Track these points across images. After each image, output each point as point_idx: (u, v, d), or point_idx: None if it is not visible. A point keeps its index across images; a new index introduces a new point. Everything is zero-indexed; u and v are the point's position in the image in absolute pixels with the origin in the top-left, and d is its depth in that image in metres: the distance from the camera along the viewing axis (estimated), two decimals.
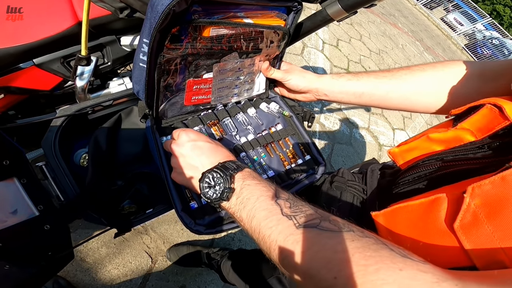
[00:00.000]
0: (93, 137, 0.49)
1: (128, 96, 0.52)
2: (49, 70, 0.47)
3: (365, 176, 0.50)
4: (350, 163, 2.12)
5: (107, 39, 0.50)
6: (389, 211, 0.34)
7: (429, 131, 0.40)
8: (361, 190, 0.48)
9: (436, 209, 0.28)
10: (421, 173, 0.37)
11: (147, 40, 0.41)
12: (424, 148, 0.39)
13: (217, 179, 0.37)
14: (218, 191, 0.37)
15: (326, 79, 0.58)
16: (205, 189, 0.38)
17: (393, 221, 0.33)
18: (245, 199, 0.35)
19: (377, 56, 3.67)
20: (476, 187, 0.26)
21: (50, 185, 0.49)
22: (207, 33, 0.45)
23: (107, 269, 1.08)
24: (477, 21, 9.14)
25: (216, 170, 0.37)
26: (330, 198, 0.50)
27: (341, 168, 0.54)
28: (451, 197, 0.28)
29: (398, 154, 0.43)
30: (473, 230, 0.25)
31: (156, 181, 0.53)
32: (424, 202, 0.30)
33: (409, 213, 0.31)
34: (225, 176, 0.37)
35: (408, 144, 0.41)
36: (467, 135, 0.35)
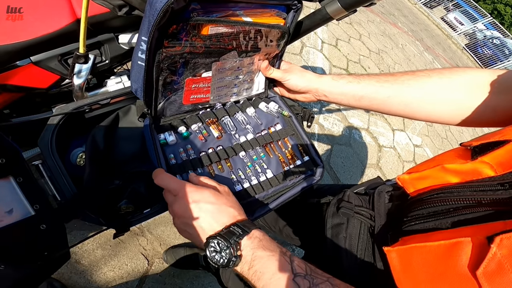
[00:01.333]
0: (91, 136, 0.50)
1: (126, 94, 0.53)
2: (46, 68, 0.47)
3: (372, 199, 0.49)
4: (350, 164, 2.13)
5: (105, 37, 0.51)
6: (404, 249, 0.33)
7: (444, 160, 0.39)
8: (369, 217, 0.47)
9: (457, 253, 0.28)
10: (438, 208, 0.35)
11: (145, 38, 0.41)
12: (438, 178, 0.37)
13: (222, 246, 0.36)
14: (224, 257, 0.36)
15: (326, 80, 0.58)
16: (211, 254, 0.36)
17: (408, 259, 0.33)
18: (258, 272, 0.35)
19: (377, 56, 3.70)
20: (504, 239, 0.25)
21: (47, 184, 0.49)
22: (206, 31, 0.46)
23: (102, 271, 1.08)
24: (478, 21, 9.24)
25: (219, 238, 0.36)
26: (337, 224, 0.49)
27: (347, 191, 0.53)
28: (475, 242, 0.27)
29: (408, 181, 0.41)
30: (497, 278, 0.25)
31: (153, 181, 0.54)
32: (444, 245, 0.29)
33: (427, 254, 0.31)
34: (229, 244, 0.35)
35: (420, 173, 0.40)
36: (486, 169, 0.34)
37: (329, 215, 0.50)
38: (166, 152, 0.50)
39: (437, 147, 3.10)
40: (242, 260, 0.36)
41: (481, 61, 8.62)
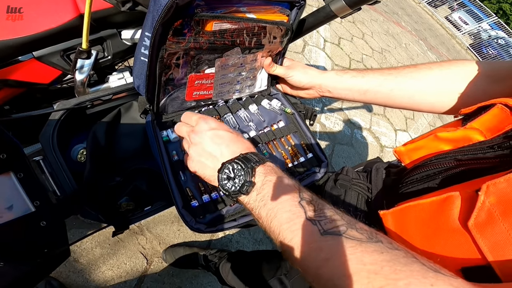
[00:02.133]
0: (92, 132, 0.50)
1: (128, 90, 0.53)
2: (48, 63, 0.47)
3: (370, 175, 0.51)
4: (351, 164, 2.14)
5: (108, 32, 0.51)
6: (398, 210, 0.34)
7: (437, 130, 0.40)
8: (366, 189, 0.48)
9: (448, 207, 0.29)
10: (430, 171, 0.37)
11: (149, 33, 0.42)
12: (432, 147, 0.40)
13: (238, 171, 0.36)
14: (237, 183, 0.36)
15: (330, 75, 0.58)
16: (223, 181, 0.37)
17: (402, 220, 0.34)
18: (266, 196, 0.34)
19: (380, 55, 3.70)
20: (491, 185, 0.26)
21: (47, 180, 0.50)
22: (210, 27, 0.47)
23: (101, 270, 1.08)
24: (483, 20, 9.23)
25: (237, 161, 0.36)
26: (335, 196, 0.50)
27: (345, 167, 0.55)
28: (465, 195, 0.28)
29: (404, 153, 0.43)
30: (488, 228, 0.26)
31: (155, 178, 0.54)
32: (436, 201, 0.30)
33: (420, 212, 0.32)
34: (246, 168, 0.35)
35: (415, 143, 0.42)
36: (476, 134, 0.36)
37: (327, 188, 0.52)
38: (169, 149, 0.51)
39: None
40: (254, 187, 0.36)
41: None
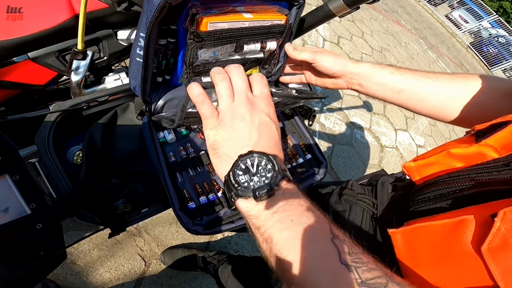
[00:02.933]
0: (88, 133, 0.50)
1: (124, 91, 0.53)
2: (43, 64, 0.47)
3: (375, 189, 0.50)
4: (351, 164, 2.14)
5: (103, 33, 0.51)
6: (409, 229, 0.33)
7: (450, 146, 0.39)
8: (371, 204, 0.48)
9: (461, 230, 0.28)
10: (443, 190, 0.36)
11: (143, 34, 0.42)
12: (444, 163, 0.38)
13: (263, 170, 0.30)
14: (255, 182, 0.29)
15: (365, 67, 0.54)
16: (238, 169, 0.30)
17: (413, 240, 0.33)
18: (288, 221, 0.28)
19: (379, 54, 3.70)
20: (508, 212, 0.26)
21: (43, 182, 0.50)
22: (205, 28, 0.46)
23: (98, 272, 1.08)
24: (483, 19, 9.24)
25: (271, 159, 0.30)
26: (339, 212, 0.50)
27: (350, 180, 0.54)
28: (479, 219, 0.28)
29: (414, 168, 0.41)
30: (502, 254, 0.25)
31: (152, 179, 0.54)
32: (449, 223, 0.30)
33: (431, 233, 0.31)
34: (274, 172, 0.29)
35: (426, 159, 0.40)
36: (490, 152, 0.35)
37: (331, 203, 0.51)
38: (166, 151, 0.51)
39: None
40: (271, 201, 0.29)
41: (486, 59, 8.63)
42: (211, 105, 0.34)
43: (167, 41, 0.49)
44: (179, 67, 0.53)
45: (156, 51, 0.49)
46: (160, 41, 0.49)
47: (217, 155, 0.33)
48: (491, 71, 8.39)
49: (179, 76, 0.54)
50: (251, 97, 0.34)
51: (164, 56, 0.52)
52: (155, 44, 0.47)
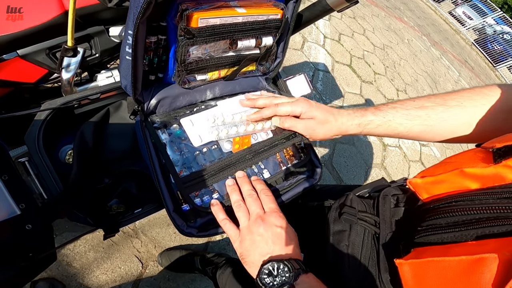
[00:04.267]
0: (79, 132, 0.50)
1: (116, 89, 0.53)
2: (33, 62, 0.47)
3: (377, 204, 0.47)
4: (353, 163, 2.13)
5: (95, 29, 0.51)
6: (419, 262, 0.32)
7: (463, 164, 0.36)
8: (373, 223, 0.46)
9: (480, 270, 0.26)
10: (457, 218, 0.34)
11: (131, 31, 0.41)
12: (455, 183, 0.36)
13: (282, 272, 0.39)
14: (278, 282, 0.38)
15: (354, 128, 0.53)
16: (263, 274, 0.40)
17: (423, 275, 0.31)
18: None
19: (382, 51, 3.69)
20: None
21: (33, 182, 0.49)
22: (195, 24, 0.46)
23: (94, 274, 1.08)
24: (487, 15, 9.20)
25: (286, 263, 0.39)
26: (339, 231, 0.48)
27: (349, 194, 0.51)
28: (502, 258, 0.26)
29: (421, 186, 0.39)
30: None
31: (145, 180, 0.54)
32: (466, 260, 0.28)
33: (445, 269, 0.29)
34: (290, 272, 0.38)
35: (435, 177, 0.38)
36: (510, 173, 0.32)
37: (330, 221, 0.49)
38: (159, 151, 0.50)
39: (445, 146, 3.09)
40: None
41: (491, 57, 8.59)
42: (234, 227, 0.46)
43: (157, 38, 0.49)
44: (170, 64, 0.52)
45: (147, 49, 0.49)
46: (150, 38, 0.48)
47: (246, 263, 0.43)
48: (496, 68, 8.35)
49: (171, 74, 0.54)
50: (262, 215, 0.45)
51: (155, 53, 0.51)
52: (145, 42, 0.47)
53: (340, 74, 2.76)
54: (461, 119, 0.48)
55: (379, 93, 3.00)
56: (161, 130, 0.51)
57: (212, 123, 0.54)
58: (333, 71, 2.72)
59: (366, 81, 2.97)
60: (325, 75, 2.59)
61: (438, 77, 4.55)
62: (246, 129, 0.55)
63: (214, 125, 0.54)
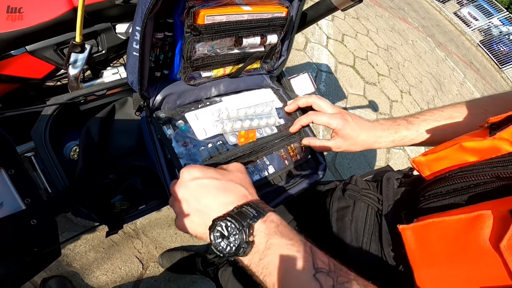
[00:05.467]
0: (85, 128, 0.51)
1: (122, 86, 0.54)
2: (41, 58, 0.49)
3: (380, 185, 0.50)
4: (356, 166, 2.14)
5: (102, 26, 0.52)
6: (420, 225, 0.34)
7: (462, 139, 0.39)
8: (376, 200, 0.48)
9: (478, 226, 0.28)
10: (456, 185, 0.36)
11: (139, 27, 0.42)
12: (456, 158, 0.38)
13: (232, 229, 0.32)
14: (233, 243, 0.32)
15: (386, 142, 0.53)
16: (216, 240, 0.33)
17: (425, 236, 0.33)
18: (270, 265, 0.32)
19: (385, 53, 3.71)
20: None
21: (39, 177, 0.50)
22: (202, 21, 0.47)
23: (94, 275, 1.09)
24: (493, 16, 9.22)
25: (229, 219, 0.33)
26: (343, 207, 0.50)
27: (354, 176, 0.54)
28: (497, 215, 0.28)
29: (424, 163, 0.41)
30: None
31: (150, 175, 0.55)
32: (464, 219, 0.30)
33: (445, 229, 0.31)
34: (241, 227, 0.32)
35: (437, 153, 0.40)
36: (506, 145, 0.34)
37: (334, 199, 0.51)
38: (165, 146, 0.51)
39: None
40: (254, 249, 0.33)
41: (497, 58, 8.60)
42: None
43: (164, 34, 0.50)
44: (176, 61, 0.54)
45: (153, 45, 0.50)
46: (157, 35, 0.49)
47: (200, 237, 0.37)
48: (502, 70, 8.35)
49: (176, 71, 0.55)
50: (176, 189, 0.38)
51: (161, 50, 0.53)
52: (152, 38, 0.48)
53: (343, 75, 2.78)
54: None
55: (383, 95, 3.01)
56: (167, 126, 0.52)
57: (217, 117, 0.55)
58: (336, 72, 2.74)
59: (369, 82, 2.98)
60: (328, 76, 2.60)
61: (443, 79, 4.56)
62: (251, 124, 0.57)
63: (218, 119, 0.55)
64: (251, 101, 0.61)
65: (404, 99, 3.24)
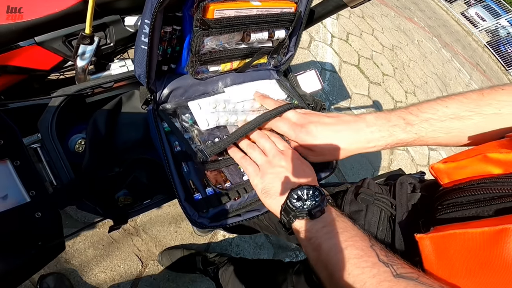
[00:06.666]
0: (92, 120, 0.52)
1: (129, 78, 0.55)
2: (50, 49, 0.50)
3: (393, 189, 0.49)
4: (359, 167, 2.15)
5: (111, 18, 0.53)
6: (440, 236, 0.33)
7: (486, 149, 0.38)
8: (389, 205, 0.47)
9: (503, 240, 0.28)
10: (478, 196, 0.35)
11: (148, 20, 0.43)
12: (478, 168, 0.37)
13: (312, 196, 0.40)
14: (307, 205, 0.39)
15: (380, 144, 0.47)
16: (292, 199, 0.40)
17: (444, 248, 0.33)
18: (334, 232, 0.37)
19: (391, 52, 3.72)
20: None
21: (44, 169, 0.51)
22: (211, 15, 0.48)
23: (93, 272, 1.10)
24: (501, 16, 9.22)
25: (316, 188, 0.41)
26: (355, 211, 0.50)
27: (366, 179, 0.54)
28: None
29: (443, 171, 0.41)
30: None
31: (156, 169, 0.56)
32: (488, 232, 0.29)
33: (467, 241, 0.30)
34: (322, 196, 0.40)
35: (458, 162, 0.39)
36: None
37: (346, 202, 0.51)
38: (171, 140, 0.52)
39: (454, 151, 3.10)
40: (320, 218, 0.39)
41: (504, 60, 8.61)
42: (253, 163, 0.47)
43: (172, 28, 0.51)
44: (184, 55, 0.55)
45: (161, 39, 0.51)
46: (165, 29, 0.50)
47: (269, 196, 0.44)
48: (509, 71, 8.36)
49: (184, 65, 0.56)
50: (280, 151, 0.47)
51: (169, 44, 0.54)
52: (160, 32, 0.49)
53: (347, 74, 2.79)
54: (498, 127, 0.45)
55: (387, 95, 3.02)
56: (174, 119, 0.53)
57: (222, 108, 0.56)
58: (340, 71, 2.75)
59: (374, 82, 2.99)
60: (332, 75, 2.61)
61: (449, 80, 4.57)
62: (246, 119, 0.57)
63: (224, 110, 0.56)
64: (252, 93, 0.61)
65: (409, 100, 3.25)
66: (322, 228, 0.38)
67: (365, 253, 0.34)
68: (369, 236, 0.37)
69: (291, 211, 0.40)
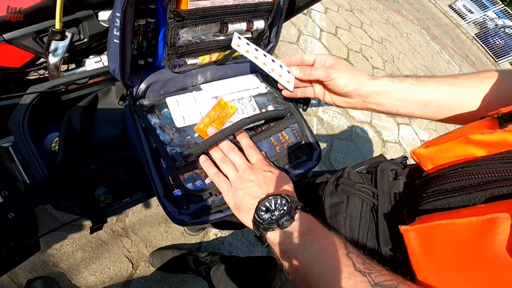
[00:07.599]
0: (66, 117, 0.51)
1: (105, 74, 0.54)
2: (20, 46, 0.48)
3: (375, 177, 0.48)
4: (351, 160, 2.16)
5: (83, 13, 0.52)
6: (426, 227, 0.32)
7: (468, 131, 0.36)
8: (371, 194, 0.46)
9: (492, 231, 0.26)
10: (464, 182, 0.34)
11: (119, 13, 0.42)
12: (461, 151, 0.36)
13: (280, 205, 0.40)
14: (276, 216, 0.39)
15: (384, 82, 0.51)
16: (260, 211, 0.40)
17: (431, 239, 0.31)
18: (308, 242, 0.36)
19: (380, 45, 3.75)
20: None
21: (17, 168, 0.50)
22: (185, 6, 0.48)
23: (82, 275, 1.08)
24: (488, 8, 9.38)
25: (283, 196, 0.40)
26: (336, 203, 0.48)
27: (346, 168, 0.52)
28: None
29: (425, 156, 0.39)
30: None
31: (134, 166, 0.55)
32: (475, 222, 0.28)
33: (454, 232, 0.29)
34: (290, 204, 0.39)
35: (440, 145, 0.38)
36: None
37: (326, 194, 0.49)
38: (149, 136, 0.52)
39: None
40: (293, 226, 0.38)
41: (492, 51, 8.76)
42: (226, 179, 0.48)
43: (146, 21, 0.50)
44: (160, 48, 0.54)
45: (136, 32, 0.50)
46: (139, 21, 0.50)
47: (241, 211, 0.44)
48: (498, 63, 8.52)
49: (161, 59, 0.55)
50: (250, 165, 0.48)
51: (144, 37, 0.53)
52: (133, 25, 0.48)
53: None
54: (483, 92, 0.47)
55: None
56: (151, 114, 0.52)
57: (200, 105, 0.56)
58: None
59: None
60: None
61: (438, 72, 4.63)
62: None
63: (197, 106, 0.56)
64: (232, 88, 0.61)
65: None
66: (296, 239, 0.37)
67: (341, 264, 0.33)
68: (345, 242, 0.36)
69: (260, 224, 0.39)
